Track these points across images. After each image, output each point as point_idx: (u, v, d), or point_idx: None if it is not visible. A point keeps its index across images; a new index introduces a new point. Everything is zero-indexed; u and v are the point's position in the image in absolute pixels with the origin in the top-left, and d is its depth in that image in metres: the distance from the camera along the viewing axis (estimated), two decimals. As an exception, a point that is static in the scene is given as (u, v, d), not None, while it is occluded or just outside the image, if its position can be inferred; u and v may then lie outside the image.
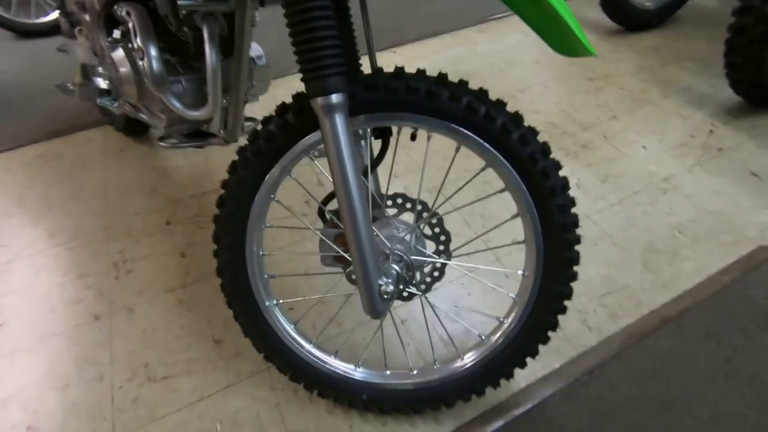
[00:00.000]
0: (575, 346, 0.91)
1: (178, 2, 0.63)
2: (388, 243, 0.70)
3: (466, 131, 0.62)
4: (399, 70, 0.61)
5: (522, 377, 0.86)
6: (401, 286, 0.70)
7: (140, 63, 0.74)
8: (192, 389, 0.88)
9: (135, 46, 0.74)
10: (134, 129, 1.44)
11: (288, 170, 0.68)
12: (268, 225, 0.72)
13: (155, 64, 0.73)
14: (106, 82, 0.93)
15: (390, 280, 0.62)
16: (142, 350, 0.95)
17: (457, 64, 1.76)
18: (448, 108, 0.60)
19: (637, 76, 1.64)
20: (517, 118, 0.62)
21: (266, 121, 0.64)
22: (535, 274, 0.69)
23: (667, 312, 0.95)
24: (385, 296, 0.62)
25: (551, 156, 0.64)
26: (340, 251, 0.72)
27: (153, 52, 0.73)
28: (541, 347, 0.73)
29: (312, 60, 0.52)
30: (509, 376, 0.76)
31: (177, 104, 0.78)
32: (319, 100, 0.53)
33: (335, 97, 0.54)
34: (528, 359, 0.75)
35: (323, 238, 0.73)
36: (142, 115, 0.97)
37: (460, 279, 1.03)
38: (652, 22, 1.85)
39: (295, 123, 0.62)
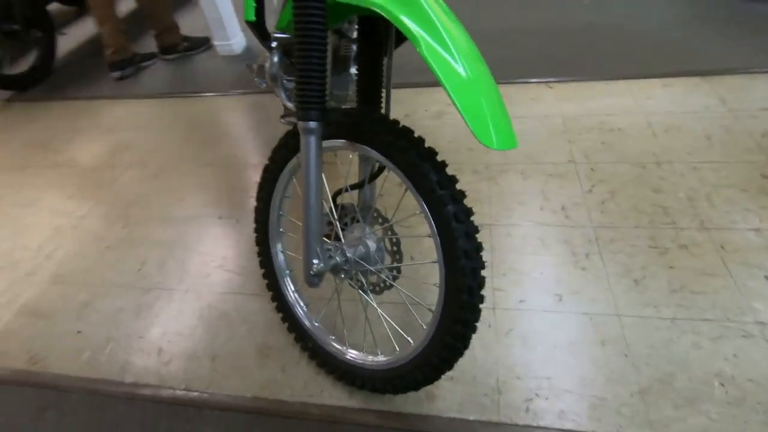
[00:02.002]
0: (502, 414, 0.92)
1: (273, 35, 0.94)
2: (343, 239, 0.89)
3: (406, 178, 0.75)
4: (378, 116, 0.78)
5: (437, 409, 0.95)
6: (342, 275, 0.89)
7: (266, 63, 1.10)
8: (237, 285, 1.28)
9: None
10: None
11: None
12: (287, 196, 1.01)
13: (272, 66, 1.07)
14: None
15: (321, 264, 0.83)
16: (228, 248, 1.39)
17: (608, 114, 1.64)
18: (397, 156, 0.75)
19: None
20: (443, 180, 0.72)
21: (295, 125, 0.90)
22: (438, 315, 0.78)
23: (622, 444, 0.85)
24: (312, 273, 0.83)
25: (469, 221, 0.72)
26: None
27: (274, 58, 1.07)
28: (472, 395, 0.83)
29: (301, 95, 0.75)
30: (404, 391, 0.88)
31: (282, 95, 1.12)
32: (300, 123, 0.77)
33: (311, 124, 0.76)
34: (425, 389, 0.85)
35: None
36: (285, 95, 1.36)
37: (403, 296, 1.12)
38: None
39: (308, 132, 0.87)
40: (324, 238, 0.92)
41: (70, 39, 3.00)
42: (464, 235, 0.71)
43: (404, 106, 1.85)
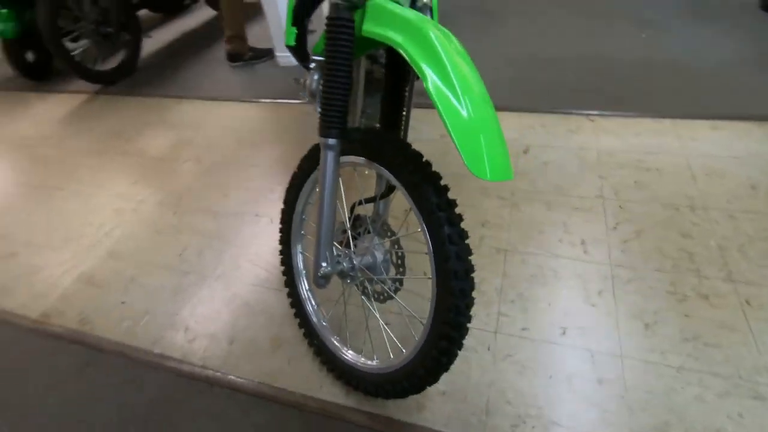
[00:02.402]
0: (486, 435, 0.94)
1: (312, 56, 1.04)
2: (353, 247, 0.97)
3: (410, 198, 0.81)
4: (393, 139, 0.85)
5: (424, 419, 0.99)
6: (348, 280, 0.97)
7: (308, 80, 1.21)
8: (262, 279, 1.38)
9: (309, 70, 1.21)
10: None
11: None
12: (310, 202, 1.10)
13: (311, 83, 1.18)
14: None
15: (328, 267, 0.91)
16: (259, 245, 1.51)
17: (647, 153, 1.60)
18: (404, 177, 0.81)
19: None
20: (441, 203, 0.77)
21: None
22: (427, 329, 0.83)
23: (602, 484, 0.85)
24: (319, 274, 0.91)
25: (462, 243, 0.76)
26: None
27: (314, 76, 1.18)
28: (460, 412, 0.89)
29: (324, 114, 0.84)
30: (392, 397, 0.93)
31: (318, 109, 1.22)
32: (321, 139, 0.85)
33: (330, 141, 0.84)
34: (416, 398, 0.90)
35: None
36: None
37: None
38: None
39: (330, 147, 0.96)
40: (336, 244, 1.01)
41: (154, 42, 3.34)
42: (455, 256, 0.76)
43: (442, 127, 1.91)
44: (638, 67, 2.10)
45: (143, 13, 3.50)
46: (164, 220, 1.68)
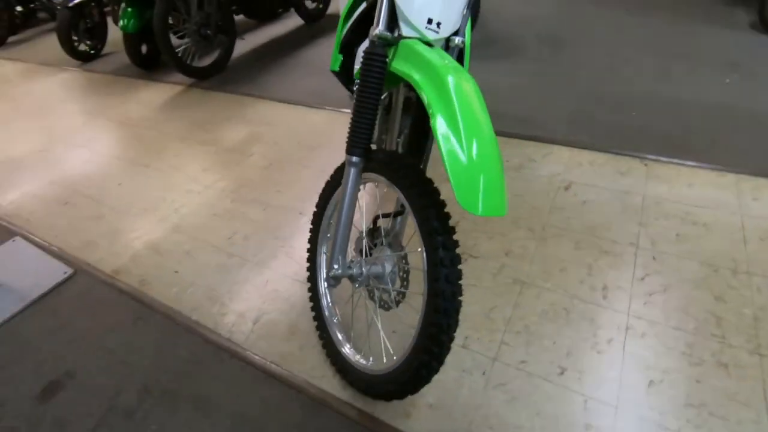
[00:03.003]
0: (461, 453, 0.99)
1: (356, 80, 1.16)
2: (364, 256, 1.06)
3: (415, 220, 0.89)
4: (409, 163, 0.94)
5: (407, 426, 1.05)
6: (356, 284, 1.06)
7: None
8: (293, 271, 1.53)
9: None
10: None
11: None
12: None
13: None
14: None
15: (339, 269, 1.01)
16: (297, 239, 1.66)
17: (697, 206, 1.52)
18: (413, 200, 0.89)
19: None
20: (441, 228, 0.84)
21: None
22: (414, 340, 0.90)
23: None
24: (330, 274, 1.02)
25: (453, 267, 0.83)
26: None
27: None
28: (442, 427, 0.98)
29: (351, 135, 0.95)
30: (379, 398, 1.01)
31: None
32: (346, 156, 0.96)
33: (354, 158, 0.95)
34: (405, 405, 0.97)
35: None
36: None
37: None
38: None
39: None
40: (352, 250, 1.11)
41: (246, 44, 3.71)
42: (445, 277, 0.83)
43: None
44: (712, 114, 1.98)
45: (239, 18, 3.89)
46: (222, 205, 1.90)
